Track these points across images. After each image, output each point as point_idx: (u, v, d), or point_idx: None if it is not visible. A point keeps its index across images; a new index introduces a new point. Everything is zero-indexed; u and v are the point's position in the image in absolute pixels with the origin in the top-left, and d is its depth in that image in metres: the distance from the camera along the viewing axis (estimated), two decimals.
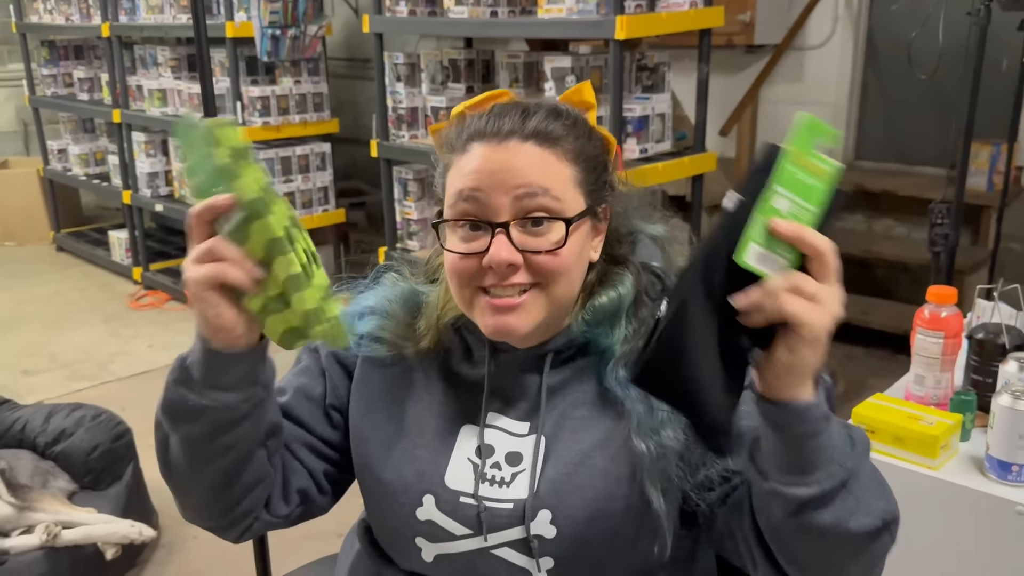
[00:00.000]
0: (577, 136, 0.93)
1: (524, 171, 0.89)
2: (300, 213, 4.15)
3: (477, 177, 0.90)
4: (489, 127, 0.91)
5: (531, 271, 0.91)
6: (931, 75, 2.22)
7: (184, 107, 4.30)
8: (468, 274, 0.92)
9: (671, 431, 0.92)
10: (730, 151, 4.26)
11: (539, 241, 0.90)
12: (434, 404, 1.01)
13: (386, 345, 1.02)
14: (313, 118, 4.12)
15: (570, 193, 0.92)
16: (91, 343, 4.08)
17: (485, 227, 0.90)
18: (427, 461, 0.99)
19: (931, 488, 1.30)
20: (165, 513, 2.66)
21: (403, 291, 1.06)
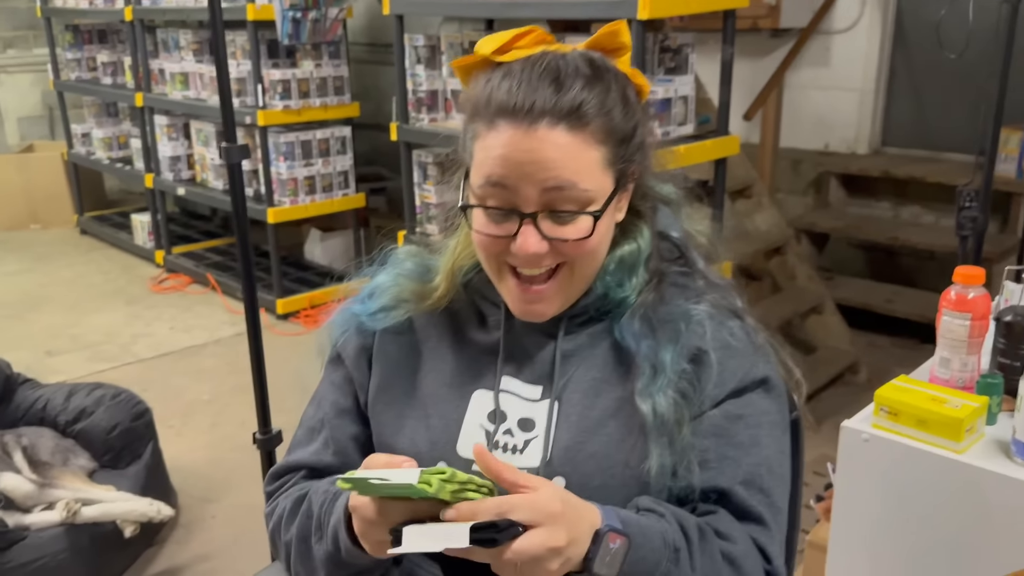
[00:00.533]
0: (611, 108, 0.89)
1: (553, 164, 0.86)
2: (320, 197, 4.15)
3: (505, 165, 0.87)
4: (519, 104, 0.86)
5: (556, 254, 0.91)
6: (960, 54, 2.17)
7: (206, 90, 4.30)
8: (496, 251, 0.92)
9: (668, 400, 0.92)
10: (754, 136, 4.21)
11: (567, 230, 0.89)
12: (445, 373, 1.01)
13: (401, 307, 1.03)
14: (334, 102, 4.11)
15: (598, 178, 0.89)
16: (113, 325, 4.11)
17: (513, 214, 0.89)
18: (439, 430, 0.98)
19: (955, 472, 1.27)
20: (184, 492, 2.70)
21: (414, 263, 1.06)
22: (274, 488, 1.08)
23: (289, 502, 1.02)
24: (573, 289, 0.95)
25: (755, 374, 0.96)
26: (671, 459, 0.91)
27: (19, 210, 5.68)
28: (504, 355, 0.99)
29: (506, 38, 0.92)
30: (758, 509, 0.93)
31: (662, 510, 0.89)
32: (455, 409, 0.99)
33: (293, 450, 1.09)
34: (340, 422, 1.05)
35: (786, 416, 1.00)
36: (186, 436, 3.08)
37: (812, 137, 4.32)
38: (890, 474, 1.33)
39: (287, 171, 4.02)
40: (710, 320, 0.96)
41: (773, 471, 0.95)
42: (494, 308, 1.01)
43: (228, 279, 4.46)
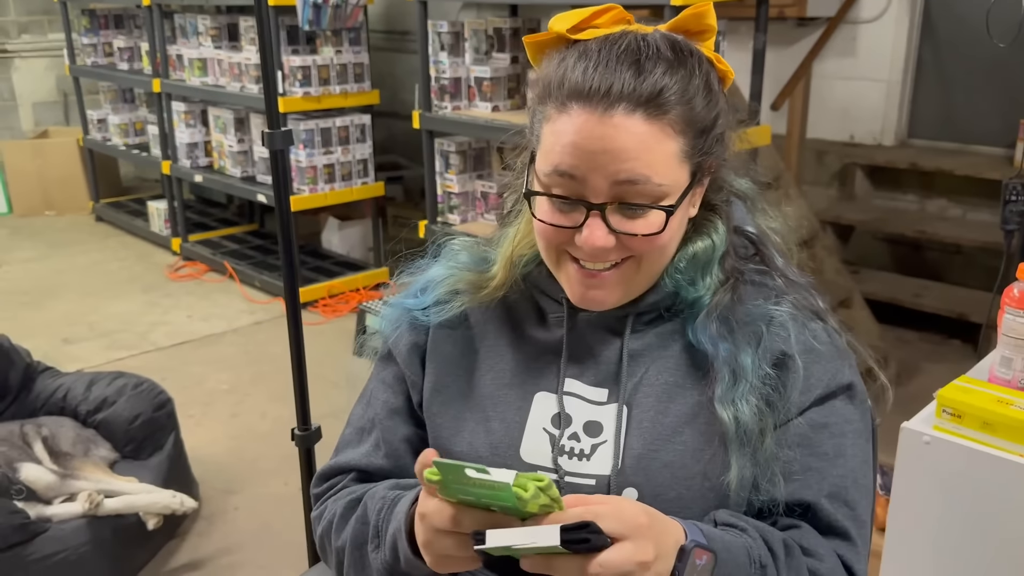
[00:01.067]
0: (692, 96, 0.83)
1: (627, 155, 0.81)
2: (339, 185, 4.11)
3: (575, 153, 0.82)
4: (594, 86, 0.80)
5: (623, 249, 0.86)
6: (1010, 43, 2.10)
7: (224, 76, 4.26)
8: (558, 241, 0.87)
9: (750, 407, 0.87)
10: (781, 126, 4.14)
11: (636, 224, 0.84)
12: (505, 373, 0.96)
13: (457, 299, 0.98)
14: (354, 89, 4.06)
15: (674, 171, 0.84)
16: (130, 313, 4.08)
17: (580, 204, 0.83)
18: (501, 434, 0.93)
19: (1020, 477, 1.22)
20: (206, 484, 2.67)
21: (469, 255, 1.01)
22: (322, 490, 1.03)
23: (340, 506, 0.97)
24: (637, 283, 0.90)
25: (840, 379, 0.91)
26: (753, 470, 0.87)
27: (34, 196, 5.65)
28: (567, 355, 0.94)
29: (583, 15, 0.86)
30: (843, 524, 0.88)
31: (743, 524, 0.84)
32: (517, 412, 0.94)
33: (341, 450, 1.04)
34: (392, 423, 1.01)
35: (869, 424, 0.95)
36: (206, 426, 3.05)
37: (838, 128, 4.26)
38: (953, 478, 1.28)
39: (306, 159, 3.98)
40: (793, 322, 0.90)
41: (858, 483, 0.90)
42: (555, 304, 0.95)
43: (245, 267, 4.42)
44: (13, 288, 4.40)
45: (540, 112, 0.86)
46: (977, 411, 1.26)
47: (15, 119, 6.00)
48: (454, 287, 0.99)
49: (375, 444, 1.01)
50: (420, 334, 1.01)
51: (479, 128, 3.21)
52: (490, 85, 3.28)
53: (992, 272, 2.00)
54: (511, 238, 0.97)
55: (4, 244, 5.12)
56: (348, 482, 1.01)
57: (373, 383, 1.05)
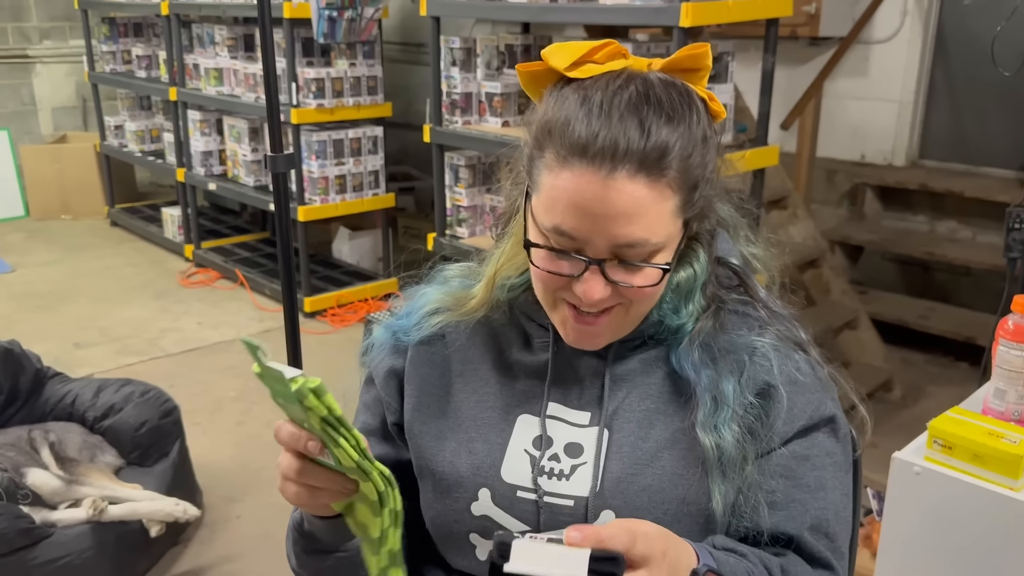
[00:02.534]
0: (691, 152, 0.83)
1: (628, 219, 0.81)
2: (350, 196, 4.15)
3: (576, 214, 0.81)
4: (599, 146, 0.80)
5: (619, 297, 0.87)
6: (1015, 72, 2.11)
7: (240, 86, 4.30)
8: (555, 287, 0.88)
9: (731, 434, 0.88)
10: (790, 145, 4.15)
11: (633, 278, 0.85)
12: (489, 396, 0.98)
13: (438, 315, 1.01)
14: (367, 101, 4.10)
15: (669, 228, 0.85)
16: (141, 318, 4.12)
17: (579, 258, 0.84)
18: (482, 454, 0.95)
19: (1012, 511, 1.23)
20: (210, 492, 2.69)
21: (460, 283, 1.04)
22: None
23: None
24: (627, 325, 0.92)
25: (823, 412, 0.92)
26: (734, 497, 0.88)
27: (51, 200, 5.72)
28: (551, 378, 0.96)
29: (581, 51, 0.86)
30: (825, 555, 0.90)
31: (743, 550, 0.86)
32: (499, 434, 0.96)
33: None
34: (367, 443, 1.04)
35: (849, 456, 0.97)
36: (212, 434, 3.08)
37: (848, 147, 4.26)
38: (942, 509, 1.29)
39: (319, 170, 4.02)
40: (775, 353, 0.92)
41: (839, 515, 0.92)
42: (541, 330, 0.97)
43: (256, 275, 4.46)
44: (28, 291, 4.45)
45: (540, 155, 0.85)
46: (968, 443, 1.26)
47: (35, 123, 6.08)
48: (435, 306, 1.02)
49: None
50: (399, 358, 1.03)
51: (489, 143, 3.23)
52: (500, 100, 3.31)
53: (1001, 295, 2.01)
54: (495, 259, 0.99)
55: (20, 247, 5.18)
56: None
57: (358, 405, 1.08)
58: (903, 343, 3.73)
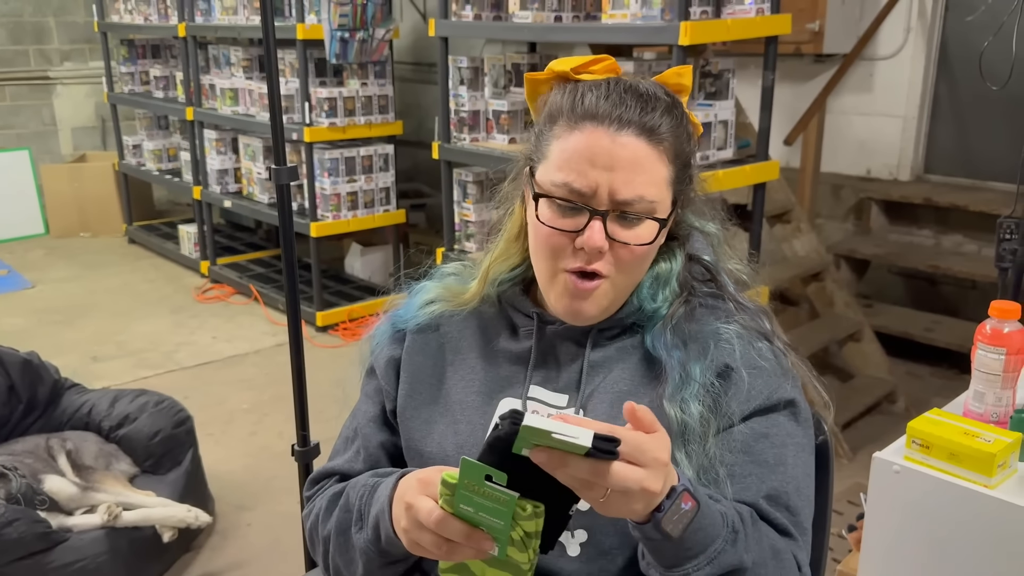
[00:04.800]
0: (680, 134, 0.96)
1: (633, 171, 0.92)
2: (361, 213, 4.22)
3: (587, 166, 0.92)
4: (608, 111, 0.93)
5: (613, 259, 0.95)
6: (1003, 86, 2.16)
7: (254, 106, 4.40)
8: (558, 248, 0.96)
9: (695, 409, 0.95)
10: (795, 161, 4.20)
11: (630, 234, 0.94)
12: (475, 381, 1.06)
13: (436, 304, 1.09)
14: (378, 120, 4.18)
15: (664, 193, 0.95)
16: (158, 333, 4.21)
17: (584, 210, 0.93)
18: (466, 434, 1.03)
19: (987, 508, 1.26)
20: (222, 500, 2.75)
21: (457, 278, 1.13)
22: (312, 493, 1.13)
23: (324, 500, 1.07)
24: (614, 301, 1.00)
25: (781, 395, 0.99)
26: (693, 468, 0.94)
27: (70, 218, 5.84)
28: (534, 363, 1.03)
29: (581, 60, 0.99)
30: (783, 522, 0.95)
31: (717, 496, 0.91)
32: (482, 416, 1.03)
33: (332, 458, 1.15)
34: (369, 431, 1.11)
35: (812, 440, 1.02)
36: (225, 444, 3.14)
37: (854, 163, 4.30)
38: (921, 507, 1.33)
39: (331, 186, 4.10)
40: (739, 340, 1.00)
41: (800, 492, 0.97)
42: (526, 319, 1.06)
43: (270, 291, 4.53)
44: (47, 307, 4.55)
45: (547, 132, 0.98)
46: (944, 443, 1.30)
47: (55, 143, 6.21)
48: (432, 296, 1.11)
49: (356, 451, 1.12)
50: (397, 347, 1.11)
51: (496, 159, 3.30)
52: (507, 118, 3.38)
53: None
54: (489, 255, 1.08)
55: (40, 264, 5.29)
56: (332, 483, 1.11)
57: (360, 396, 1.15)
58: (909, 356, 3.75)
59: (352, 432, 1.13)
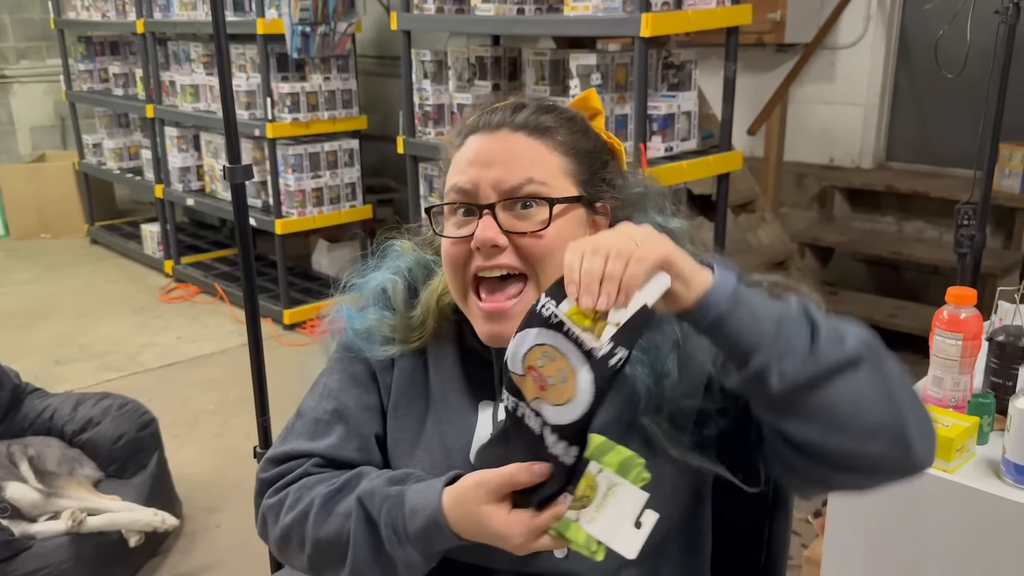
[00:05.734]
0: (571, 131, 0.97)
1: (513, 158, 0.93)
2: (327, 209, 4.19)
3: (469, 167, 0.94)
4: (483, 121, 0.97)
5: (518, 254, 0.94)
6: (958, 74, 2.18)
7: (215, 102, 4.34)
8: (460, 260, 0.95)
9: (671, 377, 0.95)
10: (759, 150, 4.23)
11: (524, 223, 0.93)
12: (453, 381, 1.03)
13: (395, 346, 1.04)
14: (342, 115, 4.14)
15: (558, 180, 0.95)
16: (121, 334, 4.14)
17: (475, 211, 0.94)
18: (453, 437, 1.00)
19: (946, 491, 1.28)
20: (189, 503, 2.72)
21: (414, 259, 1.08)
22: (274, 475, 1.03)
23: (319, 497, 0.97)
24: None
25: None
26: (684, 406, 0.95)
27: (30, 219, 5.74)
28: (500, 369, 1.01)
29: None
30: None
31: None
32: (465, 418, 1.01)
33: (294, 439, 1.04)
34: (364, 418, 1.03)
35: None
36: (191, 446, 3.10)
37: (816, 151, 4.34)
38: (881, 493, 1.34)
39: (295, 183, 4.06)
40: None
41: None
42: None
43: (236, 289, 4.47)
44: (8, 310, 4.47)
45: (445, 163, 1.01)
46: None
47: (13, 143, 6.09)
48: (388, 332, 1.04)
49: (343, 436, 1.02)
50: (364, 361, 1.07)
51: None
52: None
53: None
54: (434, 289, 1.04)
55: (0, 266, 5.19)
56: (310, 467, 1.01)
57: (337, 376, 1.05)
58: None
59: (330, 415, 1.03)
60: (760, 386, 0.81)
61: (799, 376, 0.79)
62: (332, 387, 1.06)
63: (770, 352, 0.80)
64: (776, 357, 0.79)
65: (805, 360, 0.80)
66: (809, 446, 0.82)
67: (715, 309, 0.81)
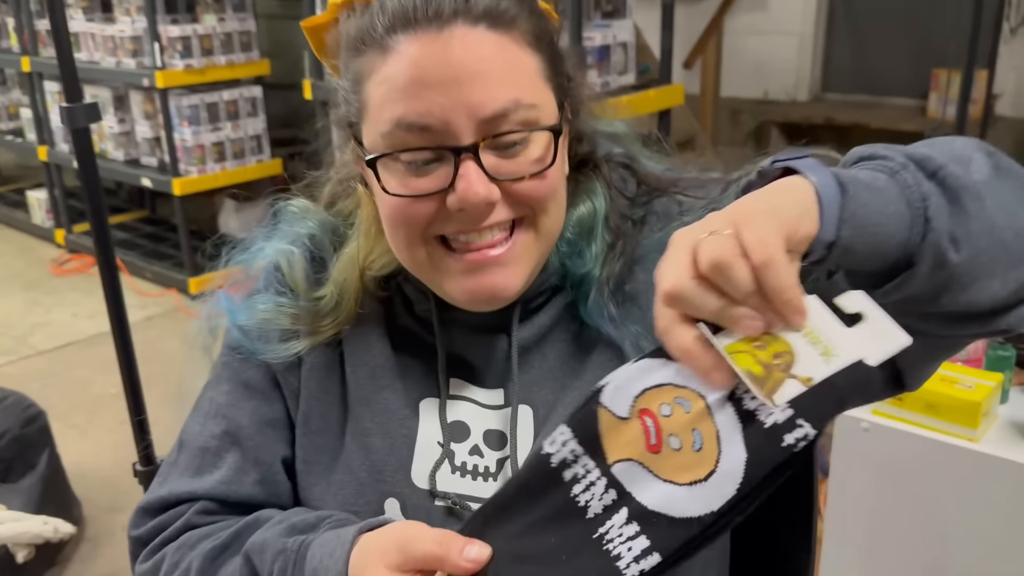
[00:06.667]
0: (531, 12, 0.68)
1: (485, 78, 0.63)
2: (231, 164, 3.88)
3: (420, 94, 0.63)
4: (421, 7, 0.64)
5: (513, 203, 0.67)
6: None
7: (99, 51, 3.94)
8: (422, 223, 0.67)
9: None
10: (693, 86, 4.02)
11: (518, 164, 0.66)
12: (382, 378, 0.76)
13: (300, 341, 0.77)
14: (241, 59, 3.81)
15: (543, 93, 0.67)
16: (9, 314, 3.80)
17: (444, 155, 0.65)
18: (385, 452, 0.73)
19: (972, 464, 1.10)
20: (90, 503, 2.47)
21: (312, 228, 0.80)
22: (148, 532, 0.77)
23: (197, 560, 0.72)
24: (540, 258, 0.71)
25: None
26: None
27: None
28: (446, 352, 0.76)
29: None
30: None
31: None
32: (402, 425, 0.74)
33: (176, 478, 0.79)
34: (264, 439, 0.78)
35: None
36: (92, 436, 2.81)
37: (751, 85, 4.17)
38: (894, 467, 1.16)
39: (192, 137, 3.73)
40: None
41: None
42: (421, 297, 0.76)
43: (136, 258, 4.15)
44: None
45: (355, 71, 0.68)
46: (920, 392, 1.12)
47: None
48: (289, 325, 0.77)
49: (237, 466, 0.77)
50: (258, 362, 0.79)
51: None
52: None
53: None
54: (351, 259, 0.77)
55: None
56: (194, 516, 0.77)
57: (225, 388, 0.79)
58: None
59: (219, 438, 0.78)
60: (939, 270, 0.53)
61: (964, 224, 0.53)
62: (220, 403, 0.79)
63: (927, 227, 0.53)
64: (944, 229, 0.53)
65: (955, 207, 0.54)
66: (980, 303, 0.56)
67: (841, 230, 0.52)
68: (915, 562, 1.17)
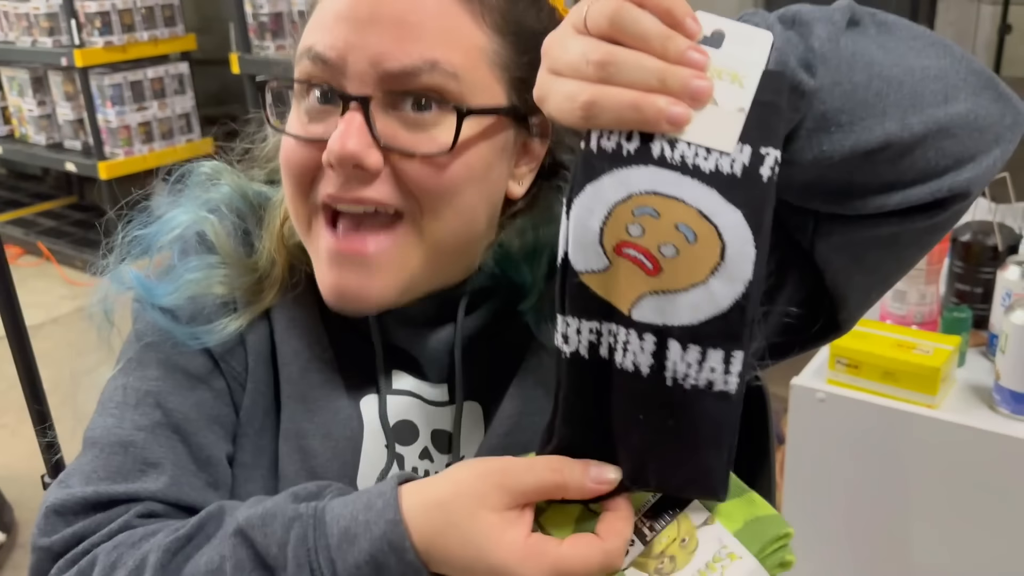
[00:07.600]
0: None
1: (410, 26, 0.57)
2: (160, 145, 3.76)
3: (335, 28, 0.58)
4: None
5: (397, 184, 0.59)
6: None
7: (13, 30, 3.76)
8: (304, 174, 0.60)
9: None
10: None
11: (416, 139, 0.58)
12: (318, 368, 0.67)
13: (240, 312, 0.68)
14: (165, 34, 3.69)
15: (479, 73, 0.59)
16: None
17: (336, 98, 0.58)
18: (325, 456, 0.65)
19: (932, 431, 1.06)
20: (22, 506, 2.38)
21: (227, 195, 0.72)
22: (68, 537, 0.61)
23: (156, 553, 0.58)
24: (422, 268, 0.62)
25: None
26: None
27: None
28: (388, 348, 0.68)
29: None
30: None
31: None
32: (345, 426, 0.66)
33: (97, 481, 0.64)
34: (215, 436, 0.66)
35: None
36: (22, 436, 2.69)
37: None
38: (851, 436, 1.12)
39: (117, 118, 3.60)
40: None
41: None
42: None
43: (64, 247, 4.02)
44: None
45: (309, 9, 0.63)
46: (876, 359, 1.09)
47: None
48: (224, 297, 0.68)
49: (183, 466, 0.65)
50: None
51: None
52: None
53: None
54: (278, 226, 0.69)
55: None
56: (132, 519, 0.62)
57: (152, 371, 0.67)
58: None
59: (150, 432, 0.64)
60: (798, 99, 0.49)
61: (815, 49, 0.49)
62: (146, 390, 0.67)
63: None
64: (792, 53, 0.49)
65: (801, 30, 0.50)
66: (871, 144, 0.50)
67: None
68: (876, 532, 1.14)
